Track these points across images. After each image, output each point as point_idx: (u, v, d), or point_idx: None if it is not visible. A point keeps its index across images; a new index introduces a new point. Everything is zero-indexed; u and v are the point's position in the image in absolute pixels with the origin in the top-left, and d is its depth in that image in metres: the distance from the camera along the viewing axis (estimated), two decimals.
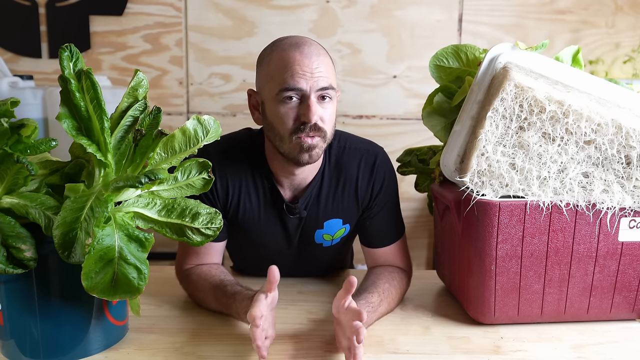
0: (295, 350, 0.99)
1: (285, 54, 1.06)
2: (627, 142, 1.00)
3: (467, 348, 1.01)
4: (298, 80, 1.04)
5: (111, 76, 2.27)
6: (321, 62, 1.06)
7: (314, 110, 1.04)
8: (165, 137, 0.90)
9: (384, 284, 1.14)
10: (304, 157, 1.07)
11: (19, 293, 0.89)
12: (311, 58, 1.05)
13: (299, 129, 1.05)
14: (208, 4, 2.28)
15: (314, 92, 1.04)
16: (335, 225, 1.22)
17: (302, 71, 1.04)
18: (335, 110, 1.11)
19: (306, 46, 1.07)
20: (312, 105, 1.04)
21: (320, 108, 1.06)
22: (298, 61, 1.04)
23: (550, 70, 1.06)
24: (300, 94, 1.05)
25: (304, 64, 1.04)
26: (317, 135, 1.06)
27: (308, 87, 1.04)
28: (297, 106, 1.05)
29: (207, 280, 1.13)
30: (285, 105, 1.05)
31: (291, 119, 1.06)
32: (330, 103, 1.08)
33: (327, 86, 1.06)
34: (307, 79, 1.04)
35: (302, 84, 1.04)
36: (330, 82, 1.07)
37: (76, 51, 0.86)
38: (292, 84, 1.04)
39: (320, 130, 1.06)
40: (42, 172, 0.91)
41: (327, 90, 1.06)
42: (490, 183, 1.03)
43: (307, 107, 1.04)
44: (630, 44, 2.37)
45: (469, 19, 2.33)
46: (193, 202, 0.95)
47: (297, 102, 1.05)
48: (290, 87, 1.04)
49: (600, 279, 1.07)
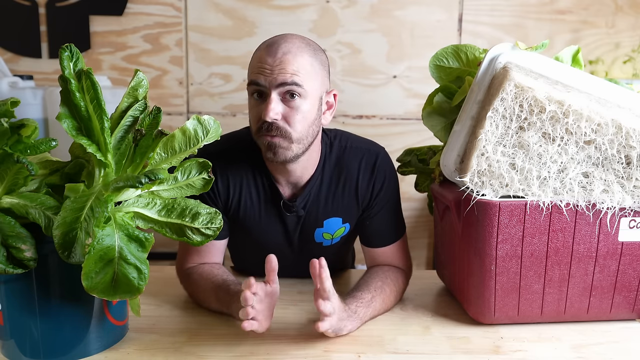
0: (295, 350, 0.99)
1: (257, 53, 1.07)
2: (627, 142, 1.00)
3: (467, 348, 1.01)
4: (257, 76, 1.04)
5: (111, 76, 2.27)
6: (288, 59, 1.02)
7: (270, 108, 1.01)
8: (165, 137, 0.90)
9: (377, 282, 1.14)
10: (269, 155, 1.07)
11: (19, 293, 0.89)
12: (276, 55, 1.03)
13: (261, 127, 1.04)
14: (208, 4, 2.28)
15: (273, 87, 1.02)
16: (335, 224, 1.22)
17: (262, 67, 1.03)
18: (313, 110, 1.06)
19: (276, 44, 1.04)
20: (270, 102, 1.02)
21: (282, 106, 1.03)
22: (262, 58, 1.04)
23: (550, 70, 1.06)
24: (261, 91, 1.04)
25: (266, 61, 1.03)
26: (277, 135, 1.03)
27: (267, 83, 1.02)
28: (261, 104, 1.05)
29: (209, 280, 1.13)
30: (253, 102, 1.06)
31: (255, 116, 1.06)
32: (301, 101, 1.04)
33: (289, 82, 1.01)
34: (266, 75, 1.02)
35: (260, 79, 1.03)
36: (296, 79, 1.02)
37: (76, 51, 0.86)
38: (252, 79, 1.05)
39: (278, 130, 1.03)
40: (42, 172, 0.91)
41: (289, 86, 1.02)
42: (490, 183, 1.03)
43: (265, 104, 1.03)
44: (630, 44, 2.37)
45: (469, 19, 2.33)
46: (193, 202, 0.95)
47: (261, 100, 1.05)
48: (251, 82, 1.05)
49: (600, 279, 1.07)
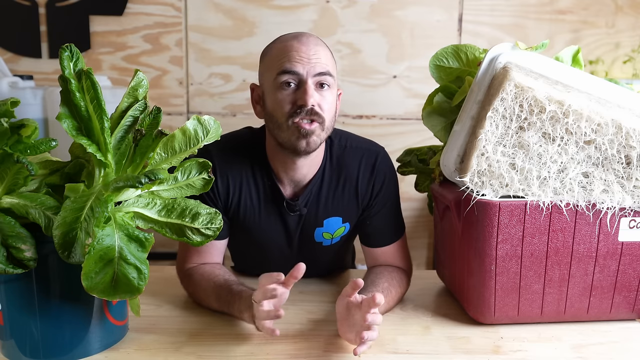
0: (295, 350, 0.99)
1: (284, 44, 1.08)
2: (627, 142, 1.00)
3: (467, 348, 1.01)
4: (295, 64, 1.05)
5: (111, 76, 2.27)
6: (319, 50, 1.07)
7: (310, 94, 1.04)
8: (165, 137, 0.90)
9: (383, 283, 1.14)
10: (302, 143, 1.06)
11: (19, 293, 0.89)
12: (309, 45, 1.06)
13: (296, 113, 1.05)
14: (208, 4, 2.28)
15: (310, 77, 1.05)
16: (335, 223, 1.22)
17: (299, 56, 1.05)
18: (335, 102, 1.11)
19: (305, 36, 1.09)
20: (309, 88, 1.04)
21: (317, 94, 1.06)
22: (295, 48, 1.06)
23: (550, 70, 1.06)
24: (297, 79, 1.05)
25: (301, 50, 1.06)
26: (315, 120, 1.05)
27: (305, 72, 1.05)
28: (295, 92, 1.06)
29: (210, 280, 1.13)
30: (282, 91, 1.06)
31: (288, 103, 1.06)
32: (329, 92, 1.08)
33: (325, 72, 1.06)
34: (304, 64, 1.05)
35: (298, 67, 1.05)
36: (329, 69, 1.07)
37: (76, 51, 0.86)
38: (288, 67, 1.05)
39: (318, 116, 1.05)
40: (42, 172, 0.91)
41: (324, 77, 1.06)
42: (490, 183, 1.03)
43: (303, 91, 1.04)
44: (630, 44, 2.37)
45: (469, 19, 2.33)
46: (193, 202, 0.95)
47: (294, 87, 1.06)
48: (287, 70, 1.05)
49: (600, 279, 1.07)
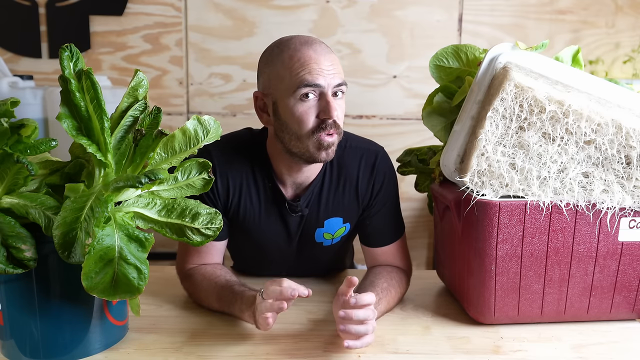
0: (295, 350, 0.99)
1: (299, 53, 1.06)
2: (627, 142, 1.00)
3: (467, 348, 1.01)
4: (317, 77, 1.04)
5: (111, 76, 2.27)
6: (333, 59, 1.08)
7: (334, 106, 1.05)
8: (165, 137, 0.90)
9: (383, 283, 1.14)
10: (322, 155, 1.08)
11: (19, 293, 0.89)
12: (325, 55, 1.07)
13: (320, 127, 1.06)
14: (208, 4, 2.28)
15: (330, 88, 1.06)
16: (335, 224, 1.22)
17: (319, 68, 1.05)
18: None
19: (317, 44, 1.08)
20: (331, 101, 1.05)
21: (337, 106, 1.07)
22: (314, 59, 1.05)
23: (550, 70, 1.06)
24: (318, 91, 1.05)
25: (320, 62, 1.05)
26: (336, 132, 1.08)
27: (326, 84, 1.05)
28: (316, 104, 1.06)
29: (212, 281, 1.13)
30: (303, 103, 1.05)
31: (311, 117, 1.06)
32: (342, 100, 1.10)
33: (342, 82, 1.08)
34: (324, 76, 1.05)
35: (320, 80, 1.04)
36: (344, 78, 1.09)
37: (76, 51, 0.86)
38: (311, 80, 1.04)
39: (337, 127, 1.07)
40: (42, 172, 0.91)
41: (341, 87, 1.08)
42: (490, 183, 1.03)
43: (327, 103, 1.05)
44: (630, 44, 2.37)
45: (469, 19, 2.33)
46: (193, 202, 0.95)
47: (315, 99, 1.06)
48: (309, 84, 1.04)
49: (600, 279, 1.07)
